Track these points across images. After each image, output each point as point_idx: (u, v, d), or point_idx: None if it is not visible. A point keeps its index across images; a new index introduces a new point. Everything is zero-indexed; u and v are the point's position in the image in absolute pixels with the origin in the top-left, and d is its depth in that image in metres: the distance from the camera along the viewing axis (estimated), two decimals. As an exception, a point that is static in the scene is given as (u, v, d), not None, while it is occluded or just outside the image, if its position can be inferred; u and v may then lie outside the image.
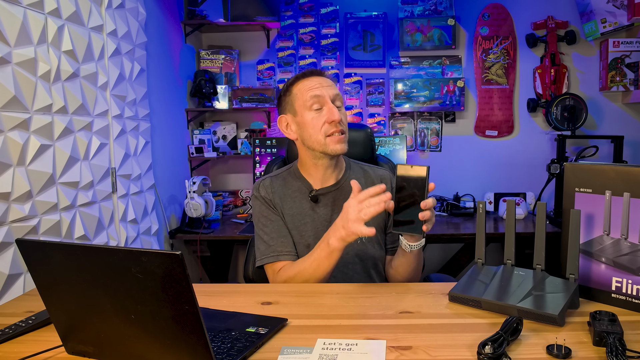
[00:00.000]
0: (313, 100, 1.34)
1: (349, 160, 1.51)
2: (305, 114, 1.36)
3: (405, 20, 3.19)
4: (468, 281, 1.14)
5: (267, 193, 1.44)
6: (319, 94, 1.34)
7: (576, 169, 1.13)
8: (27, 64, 1.57)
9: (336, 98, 1.36)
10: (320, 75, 1.38)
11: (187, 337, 0.75)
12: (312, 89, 1.35)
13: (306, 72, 1.39)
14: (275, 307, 1.12)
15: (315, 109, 1.35)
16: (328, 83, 1.37)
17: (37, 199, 1.62)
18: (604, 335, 0.86)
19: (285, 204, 1.43)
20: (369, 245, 1.41)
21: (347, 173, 1.46)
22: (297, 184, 1.44)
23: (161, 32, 2.77)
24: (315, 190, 1.42)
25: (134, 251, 0.74)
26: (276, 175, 1.49)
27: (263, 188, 1.45)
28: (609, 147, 3.02)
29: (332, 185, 1.43)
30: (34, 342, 0.95)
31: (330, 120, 1.32)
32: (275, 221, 1.41)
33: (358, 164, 1.52)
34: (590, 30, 3.05)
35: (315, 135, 1.35)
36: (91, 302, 0.81)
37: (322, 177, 1.42)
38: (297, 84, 1.38)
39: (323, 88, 1.35)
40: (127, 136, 2.21)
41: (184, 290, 0.72)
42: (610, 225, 1.08)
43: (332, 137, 1.34)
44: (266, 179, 1.47)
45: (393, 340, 0.92)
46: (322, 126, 1.34)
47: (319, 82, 1.36)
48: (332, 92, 1.35)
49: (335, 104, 1.35)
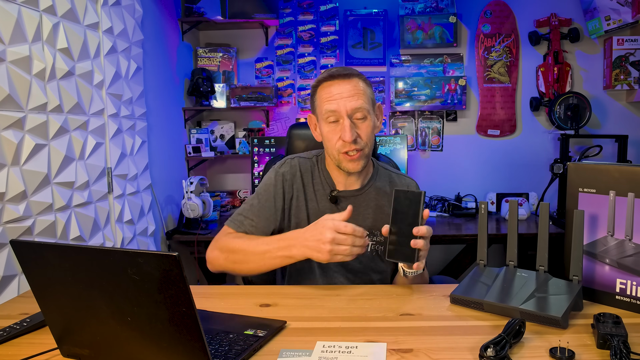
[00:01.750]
0: (329, 114, 1.27)
1: (378, 165, 1.46)
2: (323, 124, 1.31)
3: (406, 17, 3.19)
4: (470, 283, 1.14)
5: (289, 173, 1.38)
6: (335, 109, 1.26)
7: (580, 168, 1.13)
8: (21, 62, 1.57)
9: (356, 111, 1.26)
10: (345, 79, 1.28)
11: (184, 340, 0.75)
12: (329, 100, 1.27)
13: (331, 74, 1.29)
14: (273, 309, 1.12)
15: (332, 121, 1.28)
16: (350, 92, 1.26)
17: (31, 199, 1.62)
18: (608, 337, 0.86)
19: (306, 193, 1.38)
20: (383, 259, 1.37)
21: (372, 179, 1.41)
22: (322, 177, 1.40)
23: (158, 29, 2.77)
24: (337, 192, 1.37)
25: (130, 252, 0.74)
26: (306, 158, 1.42)
27: (288, 166, 1.39)
28: (613, 147, 3.02)
29: (355, 190, 1.39)
30: (28, 345, 0.95)
31: (343, 140, 1.26)
32: (267, 200, 1.36)
33: (387, 170, 1.46)
34: (594, 28, 3.05)
35: (331, 149, 1.31)
36: (87, 304, 0.81)
37: (346, 180, 1.38)
38: (321, 86, 1.31)
39: (342, 100, 1.26)
40: (123, 135, 2.21)
41: (181, 292, 0.72)
42: (614, 226, 1.08)
43: (345, 155, 1.28)
44: (295, 158, 1.42)
45: (394, 343, 0.92)
46: (336, 141, 1.28)
47: (339, 90, 1.26)
48: (351, 105, 1.25)
49: (354, 117, 1.27)
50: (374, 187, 1.40)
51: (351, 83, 1.28)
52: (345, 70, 1.30)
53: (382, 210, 1.39)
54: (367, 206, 1.38)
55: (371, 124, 1.31)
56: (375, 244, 1.38)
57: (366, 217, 1.38)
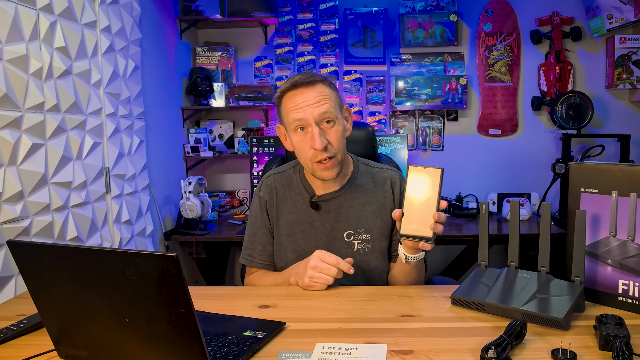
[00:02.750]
0: (296, 123, 1.28)
1: (358, 162, 1.47)
2: (292, 134, 1.32)
3: (406, 16, 3.20)
4: (471, 284, 1.14)
5: (266, 193, 1.45)
6: (302, 117, 1.27)
7: (582, 168, 1.13)
8: (18, 61, 1.57)
9: (323, 117, 1.27)
10: (309, 86, 1.28)
11: (183, 341, 0.75)
12: (295, 109, 1.27)
13: (294, 83, 1.29)
14: (273, 311, 1.12)
15: (301, 131, 1.29)
16: (315, 99, 1.26)
17: (28, 200, 1.62)
18: (610, 339, 0.86)
19: (284, 207, 1.43)
20: (372, 257, 1.39)
21: (353, 177, 1.43)
22: (300, 186, 1.43)
23: (156, 28, 2.76)
24: (317, 197, 1.40)
25: (128, 253, 0.74)
26: (281, 173, 1.47)
27: (265, 187, 1.46)
28: (616, 147, 3.02)
29: (335, 191, 1.40)
30: (25, 347, 0.95)
31: (313, 148, 1.27)
32: (260, 227, 1.45)
33: (368, 166, 1.47)
34: (596, 27, 3.06)
35: (304, 158, 1.33)
36: (84, 306, 0.81)
37: (324, 184, 1.40)
38: (285, 97, 1.31)
39: (307, 108, 1.26)
40: (121, 135, 2.21)
41: (180, 293, 0.72)
42: (616, 226, 1.08)
43: (319, 164, 1.30)
44: (270, 176, 1.47)
45: (394, 345, 0.92)
46: (308, 151, 1.29)
47: (304, 99, 1.27)
48: (317, 111, 1.26)
49: (322, 124, 1.28)
50: (355, 186, 1.42)
51: (315, 90, 1.28)
52: (309, 77, 1.29)
53: (365, 207, 1.40)
54: (349, 206, 1.40)
55: (340, 128, 1.31)
56: (361, 242, 1.39)
57: (349, 217, 1.39)
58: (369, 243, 1.39)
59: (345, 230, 1.39)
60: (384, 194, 1.42)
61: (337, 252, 1.29)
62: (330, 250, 1.25)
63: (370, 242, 1.39)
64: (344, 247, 1.38)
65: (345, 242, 1.39)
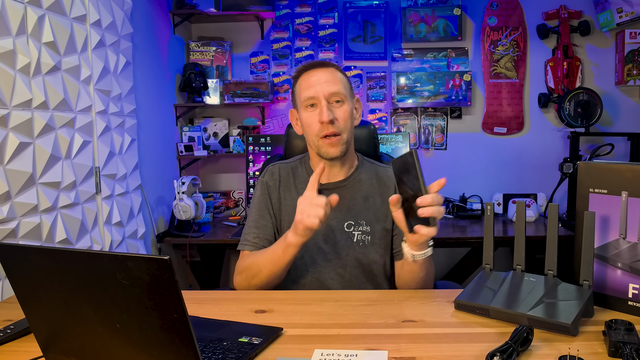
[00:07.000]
0: (307, 100, 1.38)
1: (363, 159, 1.55)
2: (302, 113, 1.41)
3: (408, 9, 3.20)
4: (475, 288, 1.15)
5: (270, 179, 1.50)
6: (313, 95, 1.36)
7: (590, 168, 1.13)
8: (5, 57, 1.57)
9: (333, 95, 1.37)
10: (322, 68, 1.40)
11: (176, 348, 0.75)
12: (308, 87, 1.38)
13: (307, 65, 1.42)
14: (269, 316, 1.12)
15: (311, 108, 1.38)
16: (327, 78, 1.37)
17: (15, 200, 1.61)
18: (620, 345, 0.86)
19: (288, 194, 1.48)
20: (371, 250, 1.41)
21: (357, 170, 1.49)
22: (305, 175, 1.49)
23: (148, 22, 2.76)
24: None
25: (119, 256, 0.74)
26: (287, 164, 1.54)
27: (269, 173, 1.51)
28: (626, 145, 3.03)
29: (340, 181, 1.47)
30: (12, 353, 0.95)
31: (320, 121, 1.35)
32: (259, 210, 1.47)
33: (372, 164, 1.55)
34: (605, 21, 3.06)
35: (311, 135, 1.40)
36: (73, 311, 0.81)
37: (330, 172, 1.45)
38: (299, 78, 1.42)
39: (320, 85, 1.36)
40: (111, 133, 2.21)
41: (173, 298, 0.72)
42: (626, 228, 1.08)
43: (324, 140, 1.37)
44: (276, 164, 1.54)
45: (395, 351, 0.92)
46: (315, 126, 1.37)
47: (317, 78, 1.38)
48: (328, 89, 1.36)
49: (332, 101, 1.37)
50: (359, 179, 1.48)
51: (329, 71, 1.40)
52: (324, 61, 1.44)
53: (367, 200, 1.45)
54: (352, 197, 1.45)
55: (349, 109, 1.40)
56: (361, 234, 1.42)
57: (351, 208, 1.44)
58: (369, 235, 1.42)
59: (345, 220, 1.43)
60: (387, 190, 1.47)
61: (337, 241, 1.39)
62: (330, 240, 1.34)
63: (371, 234, 1.43)
64: (344, 238, 1.42)
65: (345, 233, 1.42)
